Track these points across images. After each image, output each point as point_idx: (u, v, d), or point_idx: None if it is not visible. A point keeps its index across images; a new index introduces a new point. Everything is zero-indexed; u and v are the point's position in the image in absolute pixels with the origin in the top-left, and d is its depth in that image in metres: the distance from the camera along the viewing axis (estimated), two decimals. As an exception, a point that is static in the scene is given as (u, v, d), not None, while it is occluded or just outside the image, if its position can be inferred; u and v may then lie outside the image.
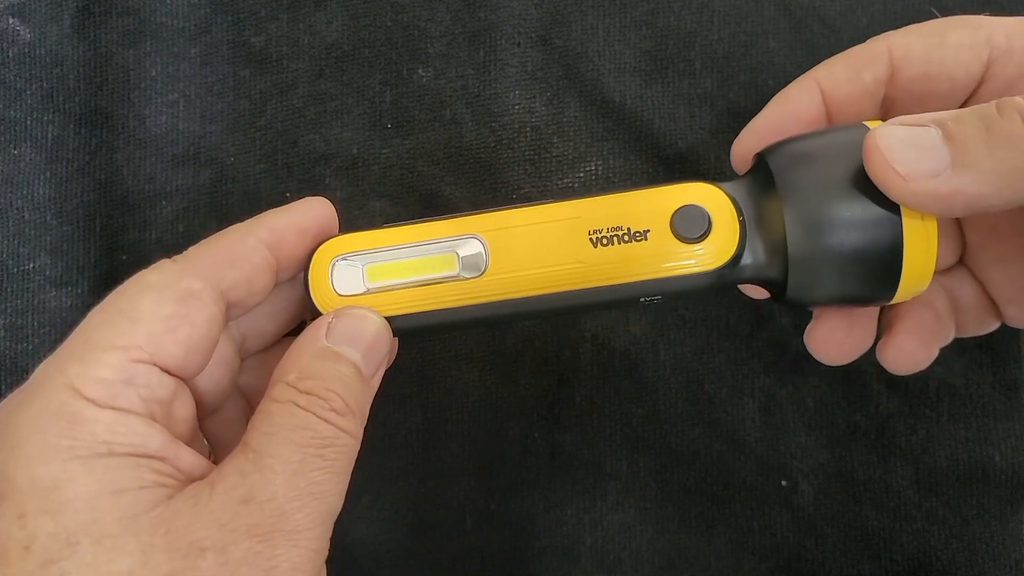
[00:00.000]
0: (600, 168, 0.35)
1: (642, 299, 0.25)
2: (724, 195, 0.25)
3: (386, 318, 0.25)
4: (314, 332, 0.24)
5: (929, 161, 0.21)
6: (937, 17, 0.28)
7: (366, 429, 0.35)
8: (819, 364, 0.35)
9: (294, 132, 0.35)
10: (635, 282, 0.24)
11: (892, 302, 0.25)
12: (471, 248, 0.25)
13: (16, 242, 0.34)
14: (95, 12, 0.35)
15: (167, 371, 0.23)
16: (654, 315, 0.35)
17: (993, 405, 0.35)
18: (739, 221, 0.24)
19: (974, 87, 0.26)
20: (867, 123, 0.24)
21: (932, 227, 0.23)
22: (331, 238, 0.25)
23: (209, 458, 0.25)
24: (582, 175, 0.35)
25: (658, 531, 0.35)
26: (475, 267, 0.25)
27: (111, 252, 0.34)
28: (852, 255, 0.23)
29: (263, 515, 0.21)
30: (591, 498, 0.35)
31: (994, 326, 0.30)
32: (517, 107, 0.35)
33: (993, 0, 0.35)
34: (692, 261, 0.24)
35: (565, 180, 0.35)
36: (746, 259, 0.25)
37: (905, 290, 0.24)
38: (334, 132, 0.35)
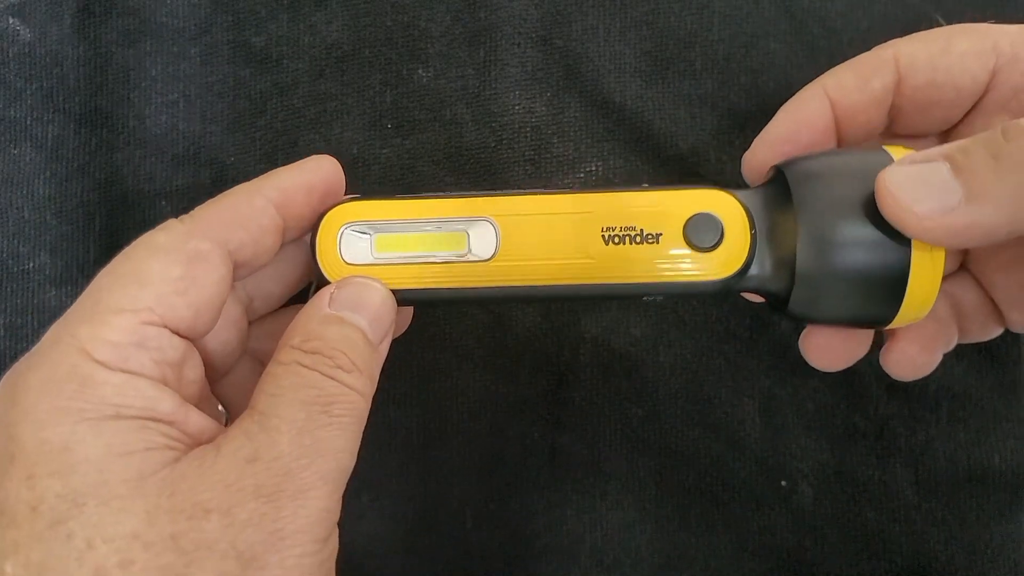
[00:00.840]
0: (600, 169, 0.35)
1: (645, 297, 0.26)
2: (739, 205, 0.25)
3: (394, 290, 0.25)
4: (319, 301, 0.24)
5: (941, 197, 0.21)
6: (943, 25, 0.28)
7: (366, 428, 0.35)
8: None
9: (294, 132, 0.35)
10: (641, 283, 0.25)
11: (888, 327, 0.25)
12: (483, 231, 0.25)
13: (16, 241, 0.34)
14: (95, 12, 0.35)
15: (177, 333, 0.23)
16: (655, 316, 0.35)
17: (993, 407, 0.35)
18: (751, 234, 0.24)
19: (980, 95, 0.26)
20: (887, 147, 0.25)
21: (939, 259, 0.23)
22: (341, 203, 0.25)
23: (224, 422, 0.25)
24: (582, 175, 0.35)
25: (658, 531, 0.35)
26: (485, 251, 0.25)
27: (111, 252, 0.34)
28: (858, 278, 0.24)
29: (269, 475, 0.20)
30: (591, 498, 0.35)
31: (997, 331, 0.30)
32: (517, 107, 0.35)
33: (997, 2, 0.35)
34: (700, 269, 0.24)
35: (565, 180, 0.35)
36: (753, 270, 0.25)
37: (904, 318, 0.24)
38: (334, 132, 0.35)
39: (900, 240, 0.23)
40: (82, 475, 0.20)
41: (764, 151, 0.28)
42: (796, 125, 0.27)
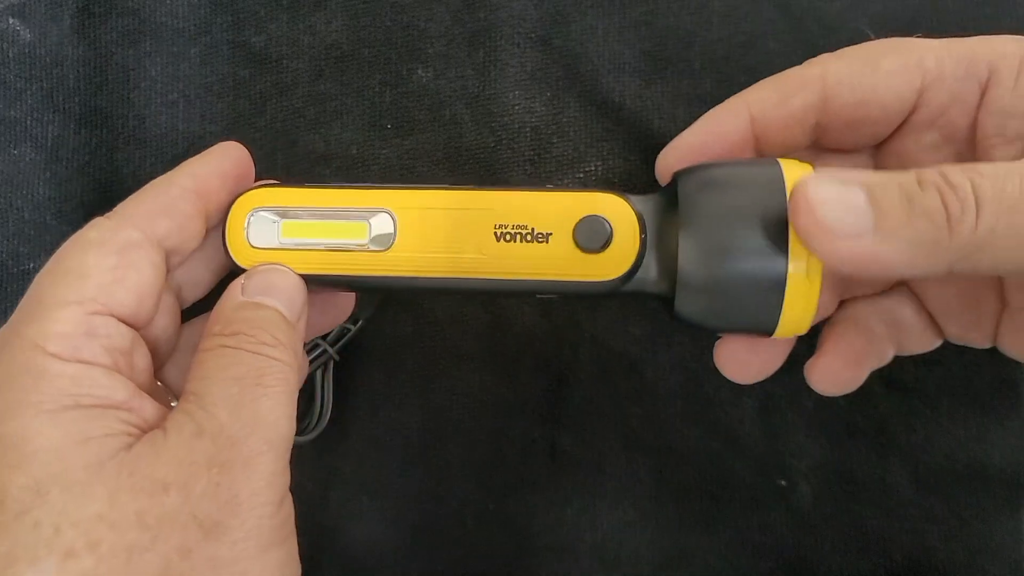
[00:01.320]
0: (600, 168, 0.35)
1: (538, 295, 0.26)
2: (631, 210, 0.25)
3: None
4: (232, 291, 0.25)
5: (855, 223, 0.21)
6: (871, 38, 0.28)
7: (366, 428, 0.35)
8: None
9: (294, 132, 0.35)
10: (529, 280, 0.25)
11: (774, 336, 0.25)
12: (382, 222, 0.25)
13: (16, 242, 0.34)
14: (95, 12, 0.35)
15: (123, 321, 0.24)
16: (654, 315, 0.35)
17: (992, 405, 0.35)
18: (640, 239, 0.25)
19: (908, 112, 0.26)
20: (781, 160, 0.25)
21: (816, 274, 0.23)
22: (252, 189, 0.26)
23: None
24: (582, 175, 0.35)
25: (657, 530, 0.35)
26: (383, 241, 0.25)
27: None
28: (736, 287, 0.24)
29: (216, 447, 0.21)
30: (590, 497, 0.35)
31: (936, 343, 0.30)
32: (517, 107, 0.35)
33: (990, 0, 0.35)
34: (587, 271, 0.25)
35: (565, 180, 0.35)
36: (641, 274, 0.25)
37: (786, 329, 0.25)
38: (334, 132, 0.35)
39: (778, 252, 0.23)
40: (43, 465, 0.21)
41: (671, 157, 0.28)
42: (708, 136, 0.27)
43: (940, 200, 0.21)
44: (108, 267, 0.24)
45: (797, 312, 0.24)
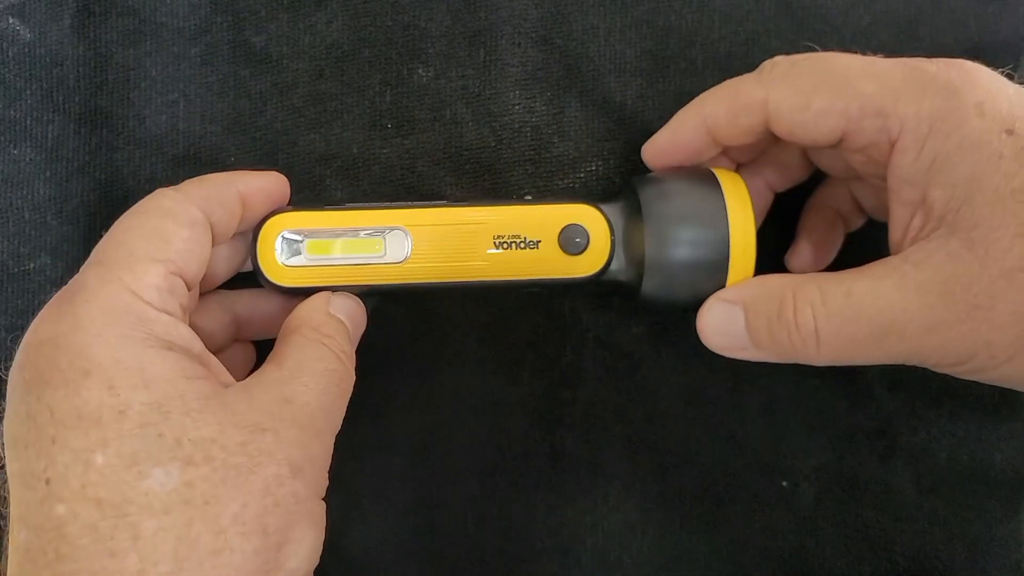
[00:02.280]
0: (601, 168, 0.35)
1: (527, 289, 0.32)
2: (603, 217, 0.31)
3: (321, 287, 0.30)
4: (321, 302, 0.29)
5: (738, 340, 0.29)
6: (815, 50, 0.31)
7: (367, 430, 0.35)
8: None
9: (294, 132, 0.35)
10: (523, 279, 0.30)
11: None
12: (397, 238, 0.30)
13: (16, 242, 0.34)
14: (95, 12, 0.35)
15: (188, 287, 0.28)
16: (655, 315, 0.35)
17: (994, 406, 0.35)
18: (611, 241, 0.31)
19: (835, 143, 0.29)
20: (716, 170, 0.31)
21: (751, 247, 0.29)
22: (277, 213, 0.30)
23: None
24: (583, 175, 0.35)
25: (659, 532, 0.35)
26: (399, 254, 0.30)
27: (111, 252, 0.34)
28: (692, 271, 0.30)
29: (302, 414, 0.25)
30: (592, 499, 0.35)
31: (862, 221, 0.35)
32: (517, 107, 0.35)
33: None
34: (570, 269, 0.30)
35: (566, 180, 0.35)
36: (612, 267, 0.31)
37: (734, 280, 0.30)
38: (334, 132, 0.35)
39: (722, 240, 0.29)
40: (162, 389, 0.24)
41: (649, 154, 0.33)
42: (672, 145, 0.32)
43: (788, 336, 0.28)
44: (183, 236, 0.27)
45: (740, 273, 0.30)
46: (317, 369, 0.27)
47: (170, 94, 0.35)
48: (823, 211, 0.34)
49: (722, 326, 0.29)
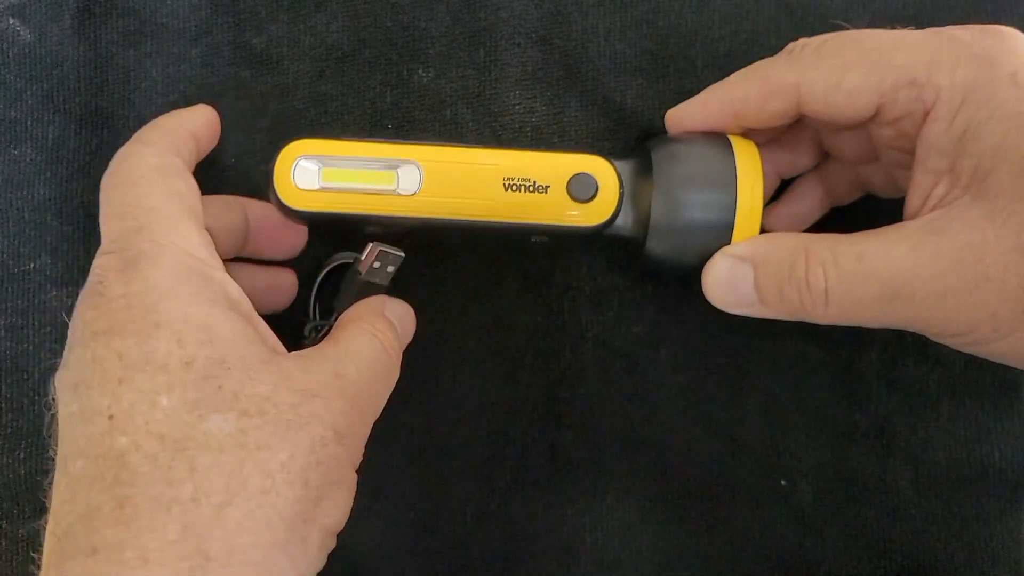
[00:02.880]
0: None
1: (533, 238, 0.32)
2: (613, 170, 0.31)
3: (333, 212, 0.30)
4: (379, 302, 0.31)
5: (743, 299, 0.29)
6: (845, 29, 0.30)
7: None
8: (819, 364, 0.35)
9: (295, 133, 0.34)
10: (530, 223, 0.30)
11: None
12: (410, 171, 0.30)
13: (17, 242, 0.34)
14: (95, 12, 0.35)
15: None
16: (655, 315, 0.35)
17: (993, 405, 0.35)
18: (620, 193, 0.31)
19: (871, 117, 0.29)
20: (732, 138, 0.31)
21: (756, 224, 0.30)
22: (298, 139, 0.30)
23: None
24: (583, 175, 0.35)
25: (658, 531, 0.35)
26: (410, 187, 0.30)
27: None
28: (696, 232, 0.30)
29: (351, 389, 0.27)
30: (591, 498, 0.35)
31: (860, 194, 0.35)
32: (517, 107, 0.35)
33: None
34: (577, 217, 0.30)
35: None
36: (619, 221, 0.31)
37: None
38: (335, 133, 0.35)
39: (729, 206, 0.30)
40: (226, 347, 0.25)
41: (672, 124, 0.33)
42: (694, 120, 0.32)
43: (798, 295, 0.28)
44: (185, 188, 0.28)
45: (744, 231, 0.30)
46: (368, 355, 0.28)
47: (171, 95, 0.35)
48: (815, 187, 0.34)
49: (729, 282, 0.29)
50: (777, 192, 0.35)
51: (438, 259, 0.35)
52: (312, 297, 0.34)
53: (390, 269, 0.32)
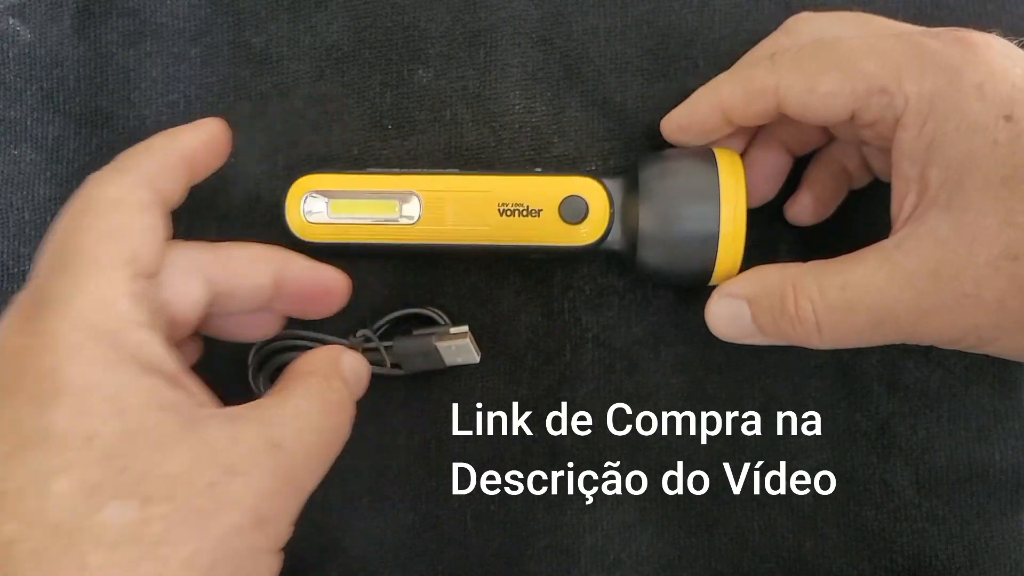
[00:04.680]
0: (601, 168, 0.35)
1: (530, 255, 0.34)
2: (603, 189, 0.32)
3: (341, 243, 0.32)
4: (334, 353, 0.30)
5: (744, 329, 0.30)
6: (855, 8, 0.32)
7: (366, 429, 0.35)
8: (819, 364, 0.35)
9: (295, 133, 0.35)
10: (525, 245, 0.32)
11: (711, 284, 0.32)
12: (410, 201, 0.32)
13: (16, 242, 0.34)
14: (95, 12, 0.35)
15: (151, 276, 0.26)
16: (655, 315, 0.35)
17: (993, 405, 0.35)
18: (610, 212, 0.32)
19: (844, 120, 0.29)
20: (716, 151, 0.32)
21: (740, 241, 0.31)
22: (304, 175, 0.32)
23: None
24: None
25: (658, 531, 0.35)
26: (411, 216, 0.32)
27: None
28: (683, 245, 0.31)
29: (285, 464, 0.24)
30: (591, 498, 0.35)
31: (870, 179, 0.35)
32: (517, 107, 0.35)
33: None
34: (569, 237, 0.32)
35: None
36: (611, 238, 0.32)
37: (719, 276, 0.32)
38: (335, 133, 0.35)
39: (713, 219, 0.31)
40: (134, 420, 0.23)
41: (668, 131, 0.34)
42: (688, 121, 0.32)
43: (792, 327, 0.29)
44: (140, 227, 0.26)
45: (727, 263, 0.31)
46: (314, 420, 0.26)
47: (170, 95, 0.35)
48: (830, 164, 0.34)
49: (729, 319, 0.31)
50: (792, 178, 0.35)
51: (438, 259, 0.35)
52: (378, 324, 0.34)
53: (447, 360, 0.33)
